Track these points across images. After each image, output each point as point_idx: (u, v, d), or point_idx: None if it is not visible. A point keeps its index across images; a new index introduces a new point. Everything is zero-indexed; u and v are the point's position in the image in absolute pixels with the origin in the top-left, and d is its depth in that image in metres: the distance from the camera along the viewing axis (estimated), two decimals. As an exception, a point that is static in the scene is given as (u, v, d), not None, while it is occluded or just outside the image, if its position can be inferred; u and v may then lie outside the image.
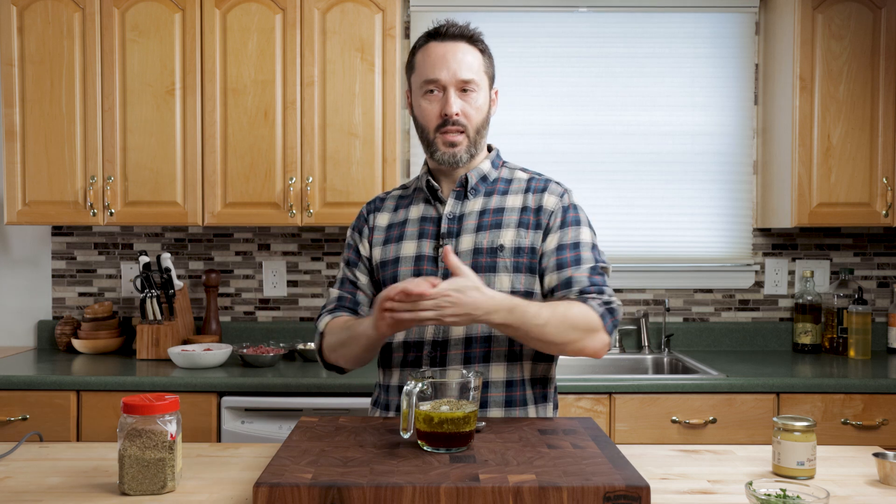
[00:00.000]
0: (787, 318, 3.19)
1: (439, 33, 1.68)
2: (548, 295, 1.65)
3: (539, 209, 1.67)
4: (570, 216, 1.68)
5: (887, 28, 2.81)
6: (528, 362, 1.66)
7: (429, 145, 1.69)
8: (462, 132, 1.66)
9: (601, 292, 1.61)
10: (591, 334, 1.56)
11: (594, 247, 1.67)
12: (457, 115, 1.64)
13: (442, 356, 1.63)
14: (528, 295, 1.64)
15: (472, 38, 1.69)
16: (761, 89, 3.14)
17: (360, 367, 1.72)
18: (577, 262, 1.63)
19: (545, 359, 1.69)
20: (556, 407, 1.75)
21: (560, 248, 1.64)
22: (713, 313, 3.20)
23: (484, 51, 1.70)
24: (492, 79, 1.73)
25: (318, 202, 2.81)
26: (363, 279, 1.78)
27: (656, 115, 3.16)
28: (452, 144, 1.66)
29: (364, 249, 1.78)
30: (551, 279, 1.63)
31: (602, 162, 3.17)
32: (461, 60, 1.65)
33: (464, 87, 1.65)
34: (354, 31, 2.80)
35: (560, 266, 1.63)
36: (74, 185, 2.83)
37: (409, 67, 1.74)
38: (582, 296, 1.59)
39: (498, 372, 1.64)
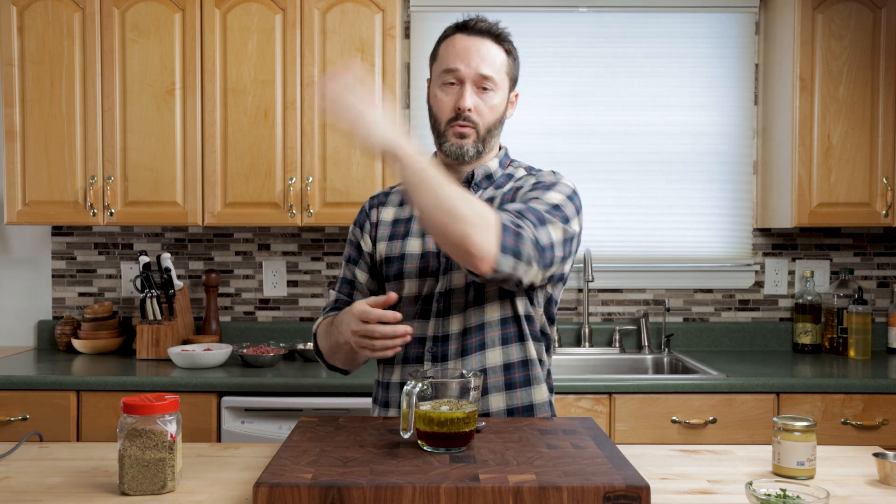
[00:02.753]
0: (787, 318, 3.19)
1: (467, 26, 1.66)
2: None
3: (519, 188, 1.65)
4: (544, 181, 1.63)
5: (887, 28, 2.81)
6: (523, 343, 1.65)
7: (439, 136, 1.68)
8: (472, 127, 1.64)
9: (520, 216, 1.48)
10: (483, 228, 1.39)
11: (558, 207, 1.55)
12: (469, 110, 1.62)
13: (443, 351, 1.63)
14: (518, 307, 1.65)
15: (499, 37, 1.66)
16: (761, 89, 3.14)
17: (359, 367, 1.74)
18: (528, 198, 1.56)
19: (536, 339, 1.68)
20: (551, 390, 1.73)
21: (522, 195, 1.61)
22: (713, 313, 3.20)
23: (510, 52, 1.68)
24: (513, 81, 1.71)
25: (318, 202, 2.81)
26: (362, 277, 1.78)
27: (656, 115, 3.16)
28: (461, 136, 1.64)
29: (366, 245, 1.77)
30: None
31: (602, 162, 3.17)
32: (484, 56, 1.63)
33: (482, 84, 1.63)
34: (354, 31, 2.80)
35: (513, 200, 1.60)
36: (74, 185, 2.83)
37: (433, 57, 1.71)
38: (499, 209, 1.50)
39: (495, 357, 1.64)
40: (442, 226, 1.39)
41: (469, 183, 1.69)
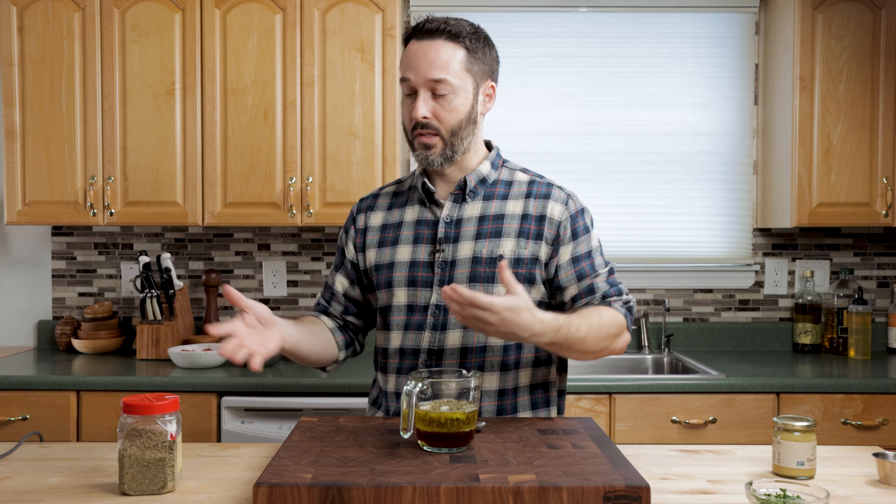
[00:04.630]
0: (787, 318, 3.19)
1: (418, 29, 1.59)
2: (570, 303, 1.66)
3: (542, 218, 1.64)
4: (580, 224, 1.66)
5: (887, 28, 2.81)
6: (524, 370, 1.65)
7: (410, 145, 1.66)
8: (435, 135, 1.60)
9: (620, 293, 1.66)
10: (619, 337, 1.62)
11: (601, 248, 1.70)
12: (425, 118, 1.58)
13: (437, 365, 1.62)
14: None
15: (452, 34, 1.57)
16: (761, 89, 3.14)
17: (318, 359, 1.69)
18: (594, 269, 1.65)
19: (543, 363, 1.68)
20: (560, 412, 1.73)
21: (576, 259, 1.65)
22: (713, 313, 3.20)
23: (470, 48, 1.59)
24: (481, 75, 1.62)
25: (318, 202, 2.81)
26: (340, 286, 1.77)
27: (656, 115, 3.16)
28: (426, 147, 1.61)
29: (349, 252, 1.76)
30: (572, 290, 1.65)
31: (602, 162, 3.17)
32: (433, 60, 1.56)
33: (436, 90, 1.57)
34: (354, 31, 2.80)
35: (580, 277, 1.65)
36: (74, 185, 2.83)
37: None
38: (605, 300, 1.64)
39: (490, 381, 1.63)
40: (592, 357, 1.59)
41: (463, 191, 1.67)
